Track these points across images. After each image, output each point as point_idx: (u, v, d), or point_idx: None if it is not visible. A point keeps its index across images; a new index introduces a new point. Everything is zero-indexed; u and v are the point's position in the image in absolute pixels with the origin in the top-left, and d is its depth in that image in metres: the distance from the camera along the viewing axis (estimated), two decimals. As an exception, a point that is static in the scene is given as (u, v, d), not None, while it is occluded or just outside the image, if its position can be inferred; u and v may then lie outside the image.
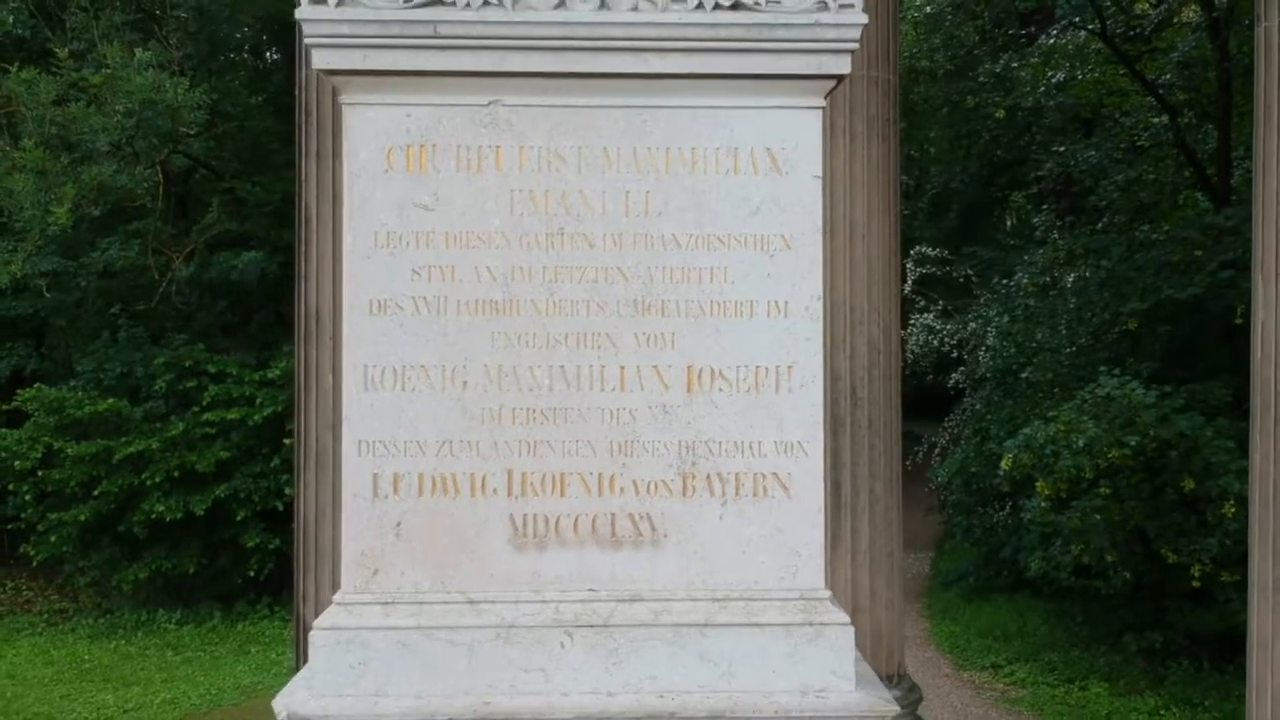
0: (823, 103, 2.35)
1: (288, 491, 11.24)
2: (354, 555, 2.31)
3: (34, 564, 11.61)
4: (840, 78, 2.34)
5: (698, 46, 2.29)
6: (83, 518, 10.85)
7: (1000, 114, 10.26)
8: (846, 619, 2.35)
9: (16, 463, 10.91)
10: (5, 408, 11.46)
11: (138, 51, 11.14)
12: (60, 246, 11.75)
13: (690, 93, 2.32)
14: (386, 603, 2.29)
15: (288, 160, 13.29)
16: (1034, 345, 11.53)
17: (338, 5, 2.23)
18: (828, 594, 2.36)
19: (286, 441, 11.32)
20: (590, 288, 2.33)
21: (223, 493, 11.13)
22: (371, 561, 2.30)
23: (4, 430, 11.29)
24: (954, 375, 14.42)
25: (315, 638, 2.29)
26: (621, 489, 2.33)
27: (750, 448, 2.33)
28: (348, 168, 2.30)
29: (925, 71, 11.39)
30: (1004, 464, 8.53)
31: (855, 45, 2.31)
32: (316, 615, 5.76)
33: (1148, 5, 12.31)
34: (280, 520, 11.49)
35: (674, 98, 2.33)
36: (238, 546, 11.41)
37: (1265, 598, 4.77)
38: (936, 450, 14.59)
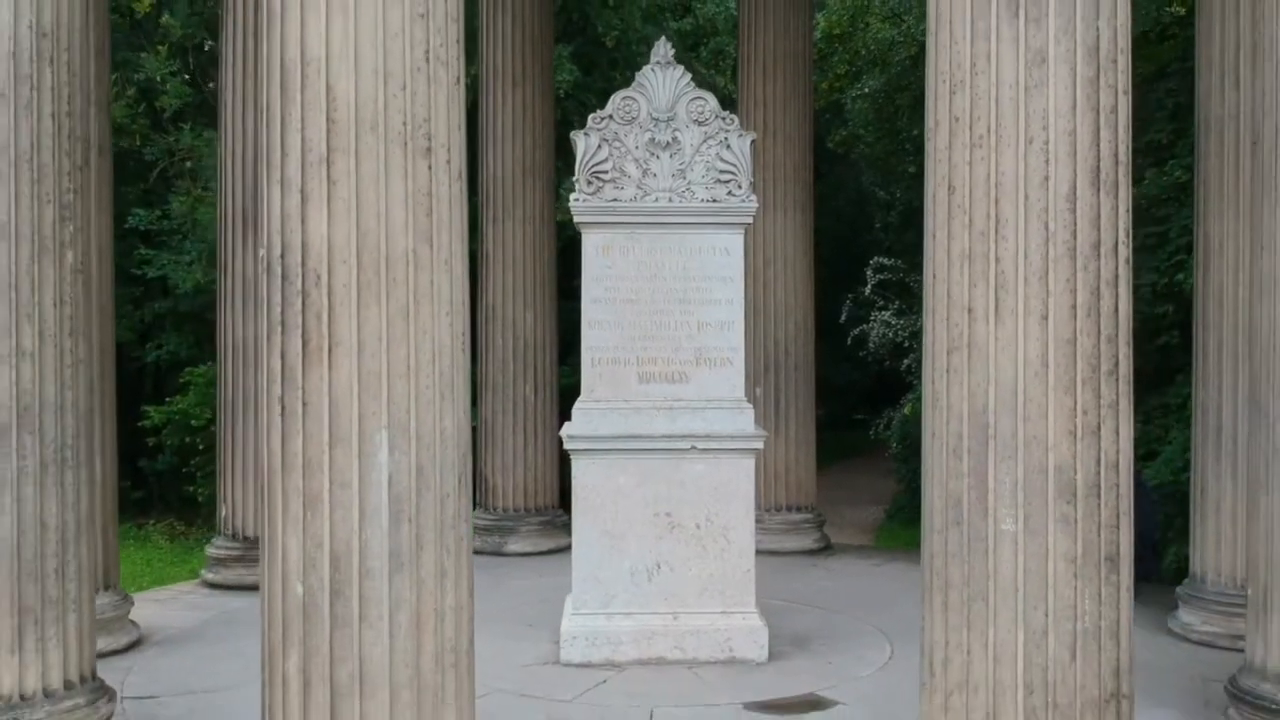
0: (742, 232, 7.52)
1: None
2: (585, 385, 7.45)
3: (197, 502, 16.51)
4: (750, 223, 7.49)
5: (703, 213, 7.47)
6: (243, 462, 15.92)
7: (913, 169, 15.32)
8: (750, 407, 7.49)
9: (193, 421, 15.93)
10: (182, 380, 16.45)
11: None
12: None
13: (699, 229, 7.50)
14: (597, 400, 7.44)
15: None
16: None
17: (584, 201, 7.39)
18: (745, 398, 7.50)
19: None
20: (665, 294, 7.48)
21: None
22: (591, 386, 7.45)
23: (180, 397, 16.29)
24: (906, 361, 19.42)
25: (574, 412, 7.47)
26: (674, 363, 7.47)
27: (718, 348, 7.49)
28: (584, 254, 7.46)
29: (860, 139, 16.59)
30: (906, 410, 13.64)
31: (755, 211, 7.48)
32: (492, 471, 11.08)
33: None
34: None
35: (694, 230, 7.49)
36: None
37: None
38: (895, 423, 19.54)
